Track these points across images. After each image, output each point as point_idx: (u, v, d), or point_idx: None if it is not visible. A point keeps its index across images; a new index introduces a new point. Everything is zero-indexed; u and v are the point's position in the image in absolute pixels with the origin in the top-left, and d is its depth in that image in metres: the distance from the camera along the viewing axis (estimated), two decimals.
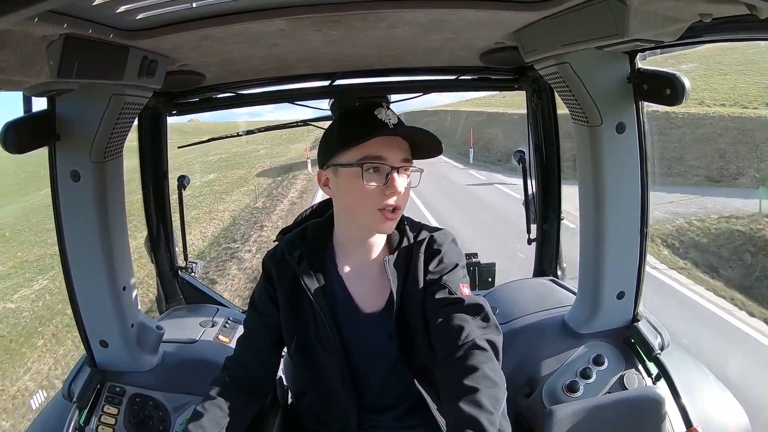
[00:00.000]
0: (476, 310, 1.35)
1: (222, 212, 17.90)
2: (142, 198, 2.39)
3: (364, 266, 1.48)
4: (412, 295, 1.42)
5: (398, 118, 1.41)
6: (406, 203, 1.41)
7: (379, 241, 1.49)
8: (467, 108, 38.97)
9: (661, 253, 10.44)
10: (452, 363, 1.26)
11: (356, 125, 1.40)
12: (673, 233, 11.33)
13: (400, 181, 1.37)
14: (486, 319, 1.34)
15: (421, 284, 1.42)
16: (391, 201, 1.36)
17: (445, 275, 1.42)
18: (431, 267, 1.43)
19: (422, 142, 1.42)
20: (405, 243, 1.49)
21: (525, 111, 2.47)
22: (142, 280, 7.70)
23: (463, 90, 2.42)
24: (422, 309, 1.41)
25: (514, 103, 28.01)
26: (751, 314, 7.55)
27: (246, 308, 1.72)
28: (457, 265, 1.46)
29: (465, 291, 1.40)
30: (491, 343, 1.29)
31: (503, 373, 1.62)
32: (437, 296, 1.38)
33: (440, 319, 1.35)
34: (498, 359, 1.28)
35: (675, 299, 8.11)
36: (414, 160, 1.42)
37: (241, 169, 30.92)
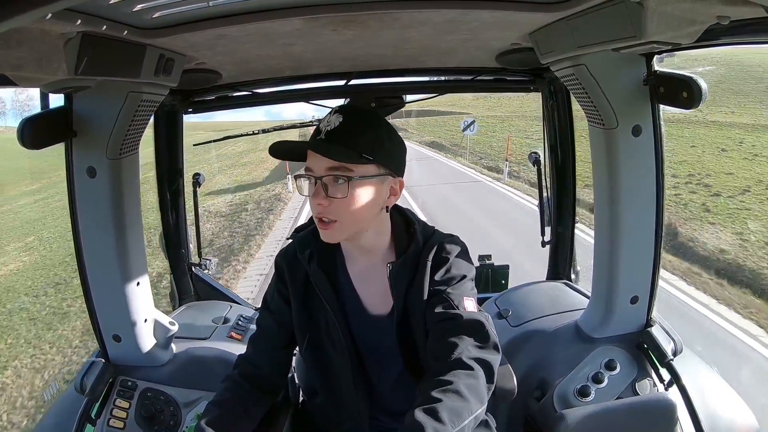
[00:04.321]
0: (474, 327, 1.29)
1: None
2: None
3: (371, 268, 1.45)
4: (416, 303, 1.38)
5: (339, 123, 1.30)
6: (344, 216, 1.31)
7: (381, 245, 1.44)
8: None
9: None
10: (431, 376, 1.22)
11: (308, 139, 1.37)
12: None
13: (320, 192, 1.29)
14: (484, 338, 1.28)
15: (426, 293, 1.37)
16: (318, 211, 1.31)
17: (449, 287, 1.36)
18: (437, 276, 1.38)
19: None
20: (413, 248, 1.42)
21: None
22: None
23: (479, 91, 2.40)
24: (425, 316, 1.37)
25: None
26: None
27: (259, 306, 1.72)
28: (464, 276, 1.39)
29: (468, 306, 1.34)
30: (482, 362, 1.23)
31: (512, 382, 1.60)
32: (437, 309, 1.33)
33: (436, 334, 1.31)
34: (490, 380, 1.22)
35: None
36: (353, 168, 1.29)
37: None
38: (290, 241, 1.55)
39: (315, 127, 1.37)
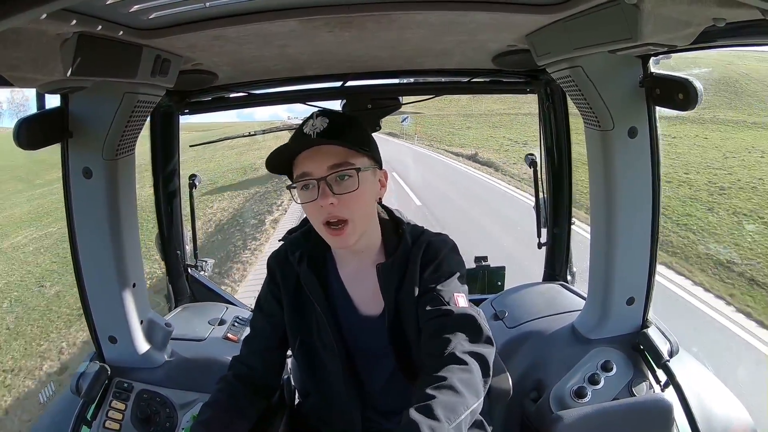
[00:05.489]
0: (466, 322, 1.28)
1: None
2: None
3: (362, 269, 1.45)
4: (407, 302, 1.38)
5: (327, 123, 1.31)
6: (355, 211, 1.32)
7: (372, 246, 1.45)
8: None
9: None
10: (426, 374, 1.20)
11: (286, 145, 1.35)
12: None
13: (326, 192, 1.29)
14: (476, 332, 1.27)
15: (416, 291, 1.38)
16: (328, 213, 1.30)
17: (439, 284, 1.36)
18: (426, 274, 1.38)
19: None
20: (402, 248, 1.43)
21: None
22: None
23: (475, 93, 2.40)
24: (417, 316, 1.37)
25: None
26: None
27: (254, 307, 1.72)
28: (454, 273, 1.39)
29: (459, 302, 1.33)
30: (477, 355, 1.22)
31: (508, 383, 1.60)
32: (428, 307, 1.33)
33: (428, 331, 1.31)
34: (485, 374, 1.22)
35: None
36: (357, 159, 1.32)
37: None
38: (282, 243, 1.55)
39: (295, 133, 1.37)
